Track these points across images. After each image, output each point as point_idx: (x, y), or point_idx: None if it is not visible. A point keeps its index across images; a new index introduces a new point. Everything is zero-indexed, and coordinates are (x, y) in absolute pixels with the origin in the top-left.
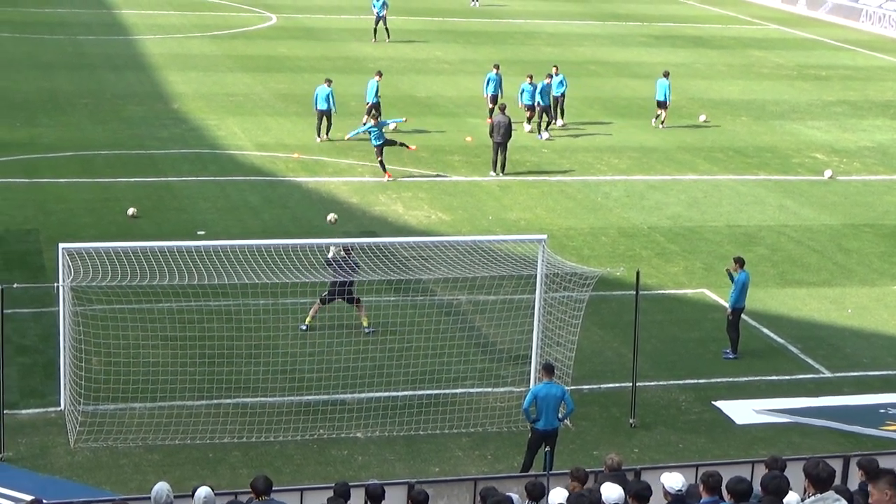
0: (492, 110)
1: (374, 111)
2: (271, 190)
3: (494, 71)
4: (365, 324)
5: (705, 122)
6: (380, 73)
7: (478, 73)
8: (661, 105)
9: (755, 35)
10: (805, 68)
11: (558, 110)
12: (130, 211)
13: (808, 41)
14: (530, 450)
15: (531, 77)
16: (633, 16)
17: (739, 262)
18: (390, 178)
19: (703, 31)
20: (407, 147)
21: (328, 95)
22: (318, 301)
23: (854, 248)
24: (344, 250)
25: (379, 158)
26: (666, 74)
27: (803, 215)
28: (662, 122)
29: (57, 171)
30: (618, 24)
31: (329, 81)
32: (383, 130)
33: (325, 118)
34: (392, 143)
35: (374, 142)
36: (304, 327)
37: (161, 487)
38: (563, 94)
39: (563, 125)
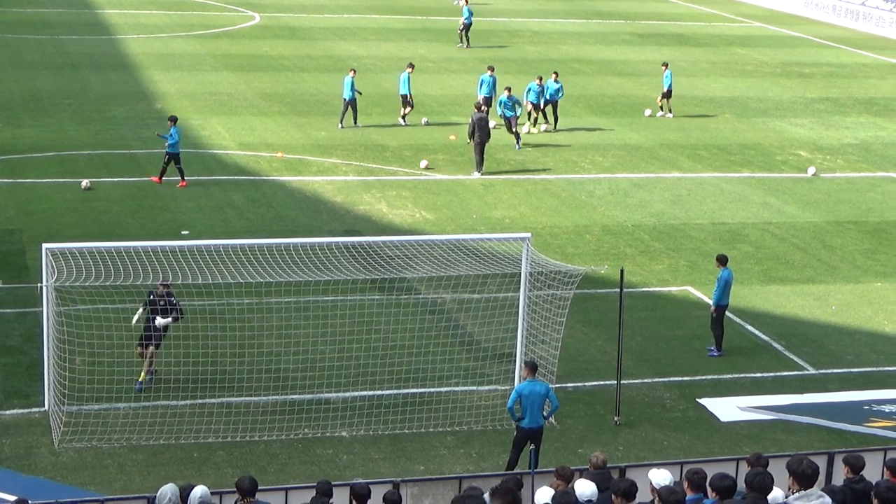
0: (487, 111)
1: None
2: (255, 189)
3: (489, 73)
4: (141, 378)
5: (650, 116)
6: (411, 66)
7: (461, 72)
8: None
9: (738, 33)
10: (788, 66)
11: (551, 114)
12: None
13: (792, 39)
14: (515, 448)
15: (540, 78)
16: (617, 14)
17: (722, 261)
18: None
19: (686, 29)
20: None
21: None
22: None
23: (838, 245)
24: (163, 285)
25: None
26: (665, 65)
27: (787, 212)
28: (670, 110)
29: (40, 171)
30: (601, 23)
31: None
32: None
33: (349, 107)
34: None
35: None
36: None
37: (167, 489)
38: (557, 100)
39: (546, 129)
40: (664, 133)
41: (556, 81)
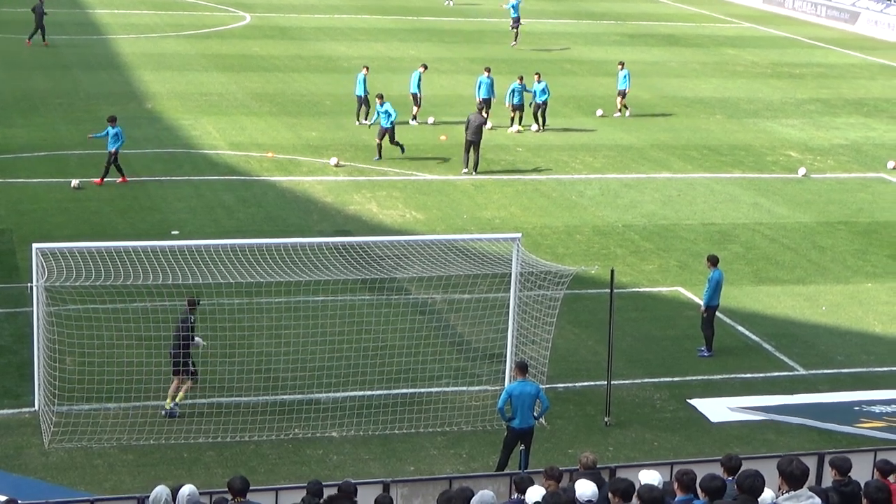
0: (487, 113)
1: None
2: (245, 189)
3: (486, 74)
4: (168, 404)
5: (602, 116)
6: (424, 66)
7: (452, 72)
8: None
9: (729, 33)
10: (779, 66)
11: (540, 116)
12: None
13: (782, 39)
14: (506, 448)
15: (521, 78)
16: (607, 14)
17: (713, 261)
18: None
19: (677, 30)
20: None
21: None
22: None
23: (828, 245)
24: (189, 303)
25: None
26: (487, 70)
27: (777, 213)
28: (626, 108)
29: (30, 171)
30: (592, 23)
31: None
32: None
33: (362, 104)
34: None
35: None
36: (165, 412)
37: (161, 491)
38: (545, 102)
39: (535, 130)
40: (655, 134)
41: (538, 82)
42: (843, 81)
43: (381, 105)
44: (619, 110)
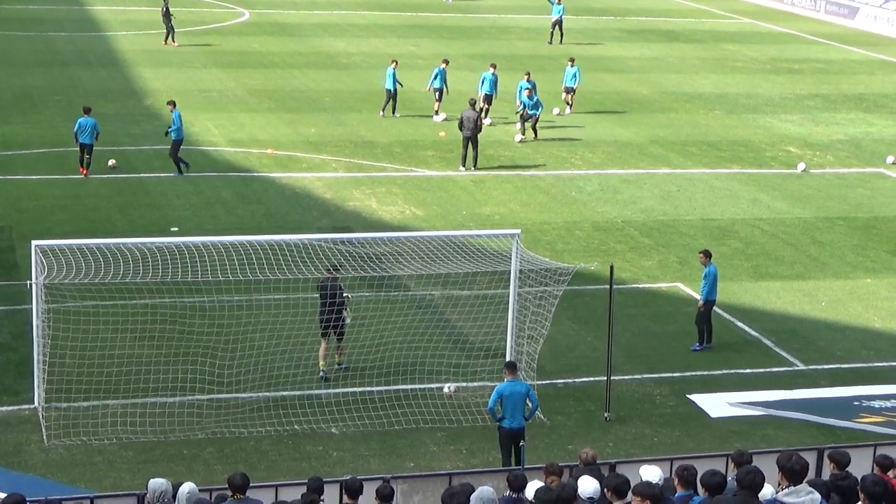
0: (487, 110)
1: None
2: (245, 186)
3: (491, 70)
4: (338, 360)
5: (558, 114)
6: (446, 61)
7: (451, 69)
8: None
9: (728, 29)
10: (778, 62)
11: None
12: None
13: (782, 35)
14: (502, 449)
15: (494, 66)
16: (606, 10)
17: (707, 255)
18: None
19: (676, 25)
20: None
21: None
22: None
23: (827, 240)
24: (328, 271)
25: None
26: (493, 66)
27: (777, 208)
28: (569, 105)
29: (30, 168)
30: (591, 19)
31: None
32: None
33: (391, 98)
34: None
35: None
36: (322, 373)
37: (161, 484)
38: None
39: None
40: (654, 129)
41: (528, 82)
42: (843, 77)
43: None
44: (570, 106)
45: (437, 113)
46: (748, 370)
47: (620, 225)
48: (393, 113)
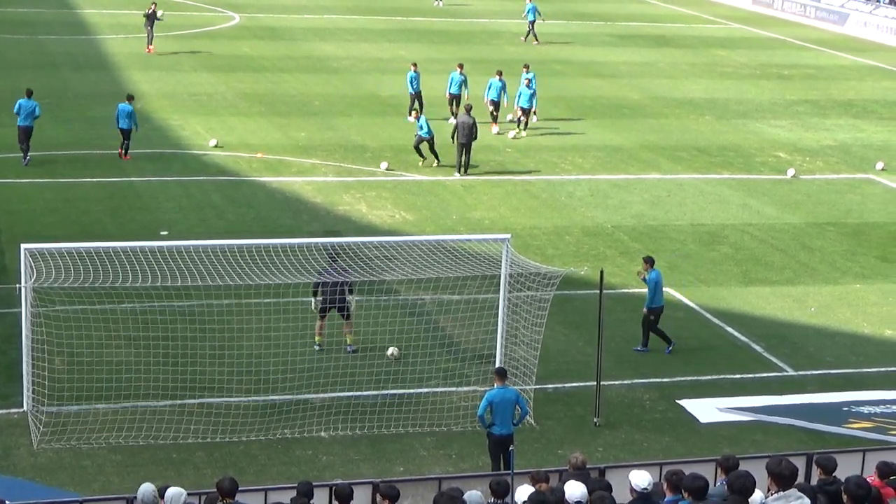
0: (496, 116)
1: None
2: (235, 189)
3: (497, 77)
4: (349, 341)
5: (511, 120)
6: (461, 66)
7: (442, 73)
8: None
9: (718, 34)
10: (768, 67)
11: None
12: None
13: (772, 40)
14: (492, 457)
15: (500, 73)
16: (596, 15)
17: (649, 262)
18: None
19: (666, 31)
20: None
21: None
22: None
23: (817, 246)
24: (329, 257)
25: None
26: (499, 73)
27: (766, 214)
28: (518, 121)
29: (19, 171)
30: (581, 24)
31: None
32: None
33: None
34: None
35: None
36: (318, 347)
37: (146, 489)
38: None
39: (515, 135)
40: (644, 135)
41: (500, 80)
42: (832, 83)
43: (418, 119)
44: (519, 122)
45: (454, 115)
46: (738, 375)
47: (610, 230)
48: (409, 114)
